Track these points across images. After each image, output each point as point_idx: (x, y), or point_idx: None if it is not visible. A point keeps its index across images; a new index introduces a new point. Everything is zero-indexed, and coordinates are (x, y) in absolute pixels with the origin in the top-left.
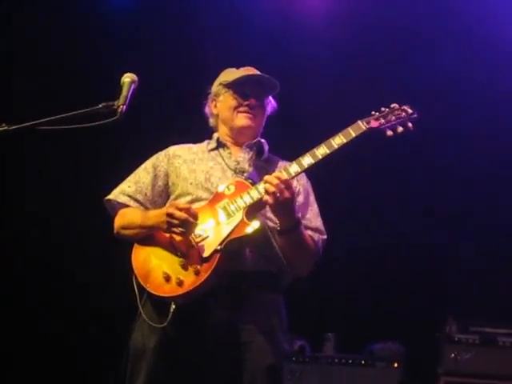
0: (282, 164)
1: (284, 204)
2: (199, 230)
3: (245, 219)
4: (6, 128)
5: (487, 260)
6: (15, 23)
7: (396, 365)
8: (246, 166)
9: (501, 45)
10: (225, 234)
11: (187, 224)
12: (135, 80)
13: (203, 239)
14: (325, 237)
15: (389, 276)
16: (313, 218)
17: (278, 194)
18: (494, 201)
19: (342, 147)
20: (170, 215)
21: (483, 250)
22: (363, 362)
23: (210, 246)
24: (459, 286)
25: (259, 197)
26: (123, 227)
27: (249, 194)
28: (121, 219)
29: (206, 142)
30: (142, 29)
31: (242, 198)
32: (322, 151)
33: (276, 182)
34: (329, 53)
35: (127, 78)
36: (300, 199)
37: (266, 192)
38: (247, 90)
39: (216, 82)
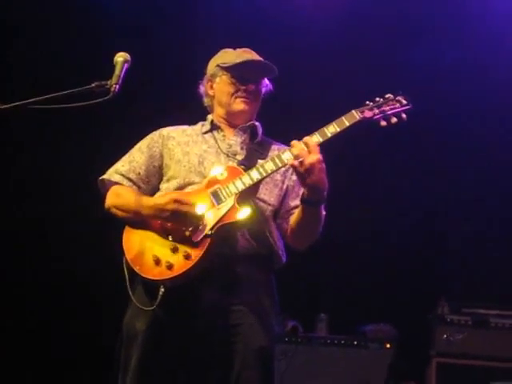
0: (275, 147)
1: (309, 173)
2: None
3: (236, 205)
4: None
5: (479, 241)
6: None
7: (388, 346)
8: (238, 149)
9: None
10: (216, 219)
11: (191, 218)
12: (128, 59)
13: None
14: (324, 213)
15: (381, 257)
16: None
17: (302, 159)
18: (492, 187)
19: (335, 136)
20: (173, 211)
21: (475, 231)
22: (355, 343)
23: (201, 230)
24: (451, 267)
25: (251, 183)
26: (116, 207)
27: (241, 179)
28: (114, 197)
29: (199, 123)
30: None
31: (234, 183)
32: (315, 139)
33: (300, 146)
34: (325, 41)
35: (120, 58)
36: (294, 178)
37: (293, 155)
38: (245, 74)
39: (212, 63)
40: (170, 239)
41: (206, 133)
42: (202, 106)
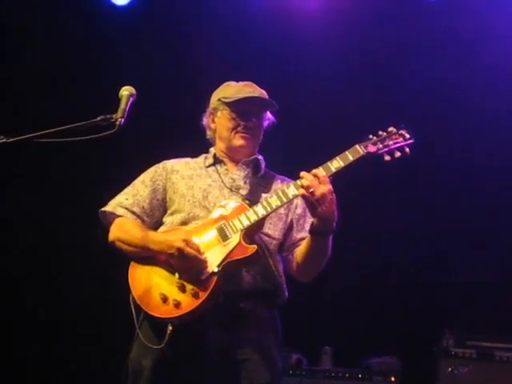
0: (278, 180)
1: (319, 203)
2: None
3: (242, 242)
4: (4, 140)
5: (485, 274)
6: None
7: (393, 379)
8: (242, 184)
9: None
10: (222, 257)
11: (195, 261)
12: (133, 93)
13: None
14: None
15: (386, 290)
16: None
17: (313, 189)
18: (492, 214)
19: (340, 171)
20: (180, 249)
21: (481, 264)
22: (360, 376)
23: (207, 268)
24: (457, 300)
25: (256, 219)
26: (121, 240)
27: (246, 215)
28: (119, 231)
29: (203, 156)
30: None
31: (239, 219)
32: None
33: (311, 177)
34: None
35: (126, 91)
36: (298, 211)
37: (302, 187)
38: (245, 110)
39: (215, 96)
40: (177, 276)
41: (208, 166)
42: (205, 138)
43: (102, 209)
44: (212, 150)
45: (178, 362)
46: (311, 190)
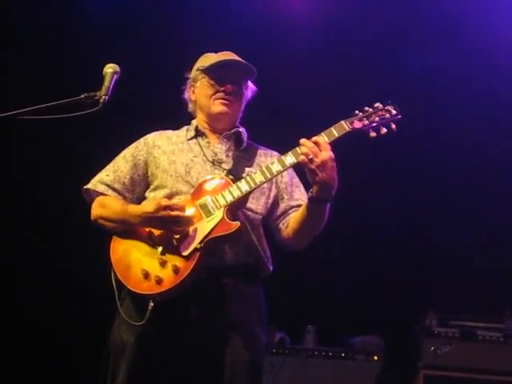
0: (261, 152)
1: (322, 168)
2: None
3: (225, 218)
4: None
5: (468, 254)
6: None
7: (376, 358)
8: (224, 157)
9: (494, 47)
10: (205, 233)
11: (182, 222)
12: (117, 71)
13: (183, 236)
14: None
15: (369, 269)
16: (304, 196)
17: (312, 156)
18: (479, 198)
19: None
20: (164, 217)
21: (466, 245)
22: (343, 355)
23: (189, 243)
24: (439, 280)
25: (240, 195)
26: (102, 217)
27: (230, 191)
28: (100, 209)
29: (184, 128)
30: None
31: (222, 195)
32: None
33: (311, 144)
34: (318, 48)
35: (109, 69)
36: (285, 179)
37: (302, 153)
38: (223, 75)
39: (194, 67)
40: (159, 252)
41: (190, 139)
42: (187, 110)
43: (85, 186)
44: (194, 122)
45: (160, 338)
46: (311, 156)
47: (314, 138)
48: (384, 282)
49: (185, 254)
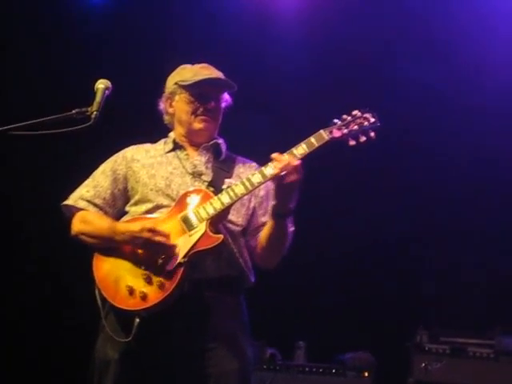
0: (240, 163)
1: (288, 187)
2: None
3: (208, 231)
4: None
5: (458, 270)
6: None
7: (366, 374)
8: (204, 169)
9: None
10: (188, 247)
11: (163, 249)
12: (109, 86)
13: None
14: (293, 228)
15: (360, 285)
16: None
17: (285, 174)
18: (466, 213)
19: (305, 157)
20: (147, 240)
21: (455, 261)
22: (334, 371)
23: (173, 258)
24: (430, 296)
25: (222, 208)
26: (85, 233)
27: (211, 204)
28: (82, 224)
29: (162, 141)
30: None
31: (204, 208)
32: (278, 166)
33: (279, 166)
34: (303, 54)
35: (101, 85)
36: (262, 193)
37: (273, 174)
38: (204, 92)
39: (171, 80)
40: (143, 268)
41: (168, 152)
42: (163, 123)
43: (64, 202)
44: (171, 134)
45: (146, 354)
46: (283, 173)
47: (286, 156)
48: (375, 299)
49: (169, 268)
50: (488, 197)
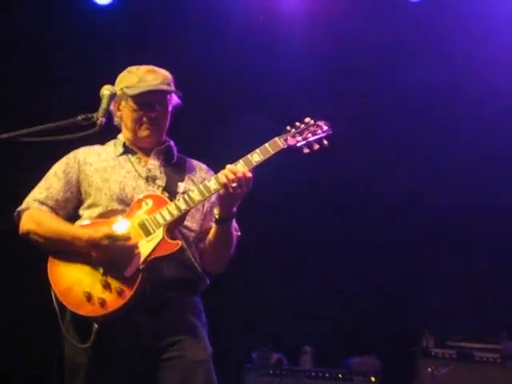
0: (191, 166)
1: (237, 196)
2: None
3: (166, 238)
4: None
5: (465, 275)
6: None
7: (373, 379)
8: (158, 173)
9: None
10: (146, 253)
11: (125, 254)
12: (114, 92)
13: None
14: (239, 233)
15: (366, 290)
16: None
17: (235, 184)
18: (471, 216)
19: (260, 164)
20: (108, 245)
21: (461, 265)
22: (340, 376)
23: (131, 265)
24: (436, 301)
25: (179, 214)
26: (36, 233)
27: (168, 210)
28: (33, 224)
29: (111, 143)
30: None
31: (161, 214)
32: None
33: (232, 177)
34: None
35: (106, 91)
36: (213, 199)
37: (223, 183)
38: (149, 100)
39: (118, 84)
40: (101, 272)
41: (120, 156)
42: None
43: (18, 209)
44: (120, 137)
45: (110, 356)
46: (234, 184)
47: (237, 167)
48: (381, 303)
49: (128, 275)
50: (494, 199)
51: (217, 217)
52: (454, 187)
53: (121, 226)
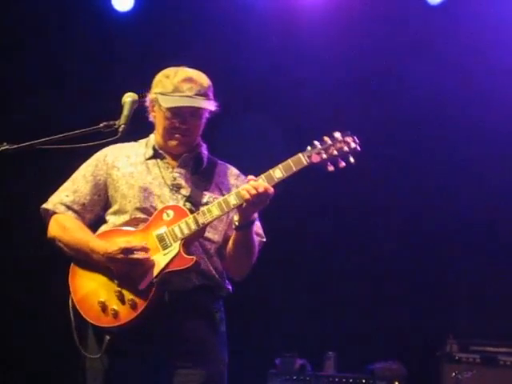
0: (220, 171)
1: (257, 208)
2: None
3: (182, 252)
4: (7, 147)
5: (488, 279)
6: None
7: None
8: (183, 183)
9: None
10: (161, 266)
11: (140, 266)
12: (136, 99)
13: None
14: (264, 239)
15: (390, 295)
16: None
17: (255, 200)
18: (495, 217)
19: (282, 180)
20: (124, 259)
21: (484, 269)
22: (364, 381)
23: (146, 277)
24: (460, 305)
25: (197, 228)
26: (62, 241)
27: (186, 223)
28: (60, 230)
29: (144, 142)
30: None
31: (179, 226)
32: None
33: (254, 192)
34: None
35: (128, 98)
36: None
37: (245, 199)
38: (181, 112)
39: (154, 87)
40: (116, 283)
41: (149, 159)
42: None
43: (43, 206)
44: (152, 138)
45: (124, 365)
46: (255, 200)
47: (258, 183)
48: (404, 308)
49: (141, 287)
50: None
51: (236, 223)
52: (476, 189)
53: (137, 239)
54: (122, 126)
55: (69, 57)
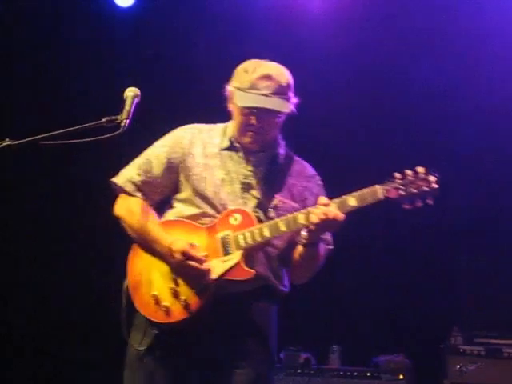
0: (294, 171)
1: (326, 231)
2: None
3: (241, 263)
4: (9, 143)
5: (493, 271)
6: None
7: (401, 377)
8: (254, 183)
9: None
10: (219, 272)
11: (196, 271)
12: (138, 94)
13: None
14: (331, 247)
15: (393, 287)
16: None
17: (323, 226)
18: (498, 214)
19: (355, 210)
20: (180, 262)
21: (489, 261)
22: (368, 375)
23: (202, 280)
24: (464, 297)
25: (261, 240)
26: (126, 223)
27: (252, 233)
28: (128, 214)
29: (221, 129)
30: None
31: (244, 235)
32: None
33: (323, 217)
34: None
35: (130, 92)
36: (310, 203)
37: (313, 221)
38: (257, 113)
39: (233, 79)
40: (173, 279)
41: (224, 150)
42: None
43: (113, 179)
44: (230, 128)
45: (165, 362)
46: (324, 224)
47: (330, 209)
48: (408, 301)
49: (196, 290)
50: None
51: (304, 241)
52: (481, 184)
53: (202, 240)
54: (124, 120)
55: (71, 51)
